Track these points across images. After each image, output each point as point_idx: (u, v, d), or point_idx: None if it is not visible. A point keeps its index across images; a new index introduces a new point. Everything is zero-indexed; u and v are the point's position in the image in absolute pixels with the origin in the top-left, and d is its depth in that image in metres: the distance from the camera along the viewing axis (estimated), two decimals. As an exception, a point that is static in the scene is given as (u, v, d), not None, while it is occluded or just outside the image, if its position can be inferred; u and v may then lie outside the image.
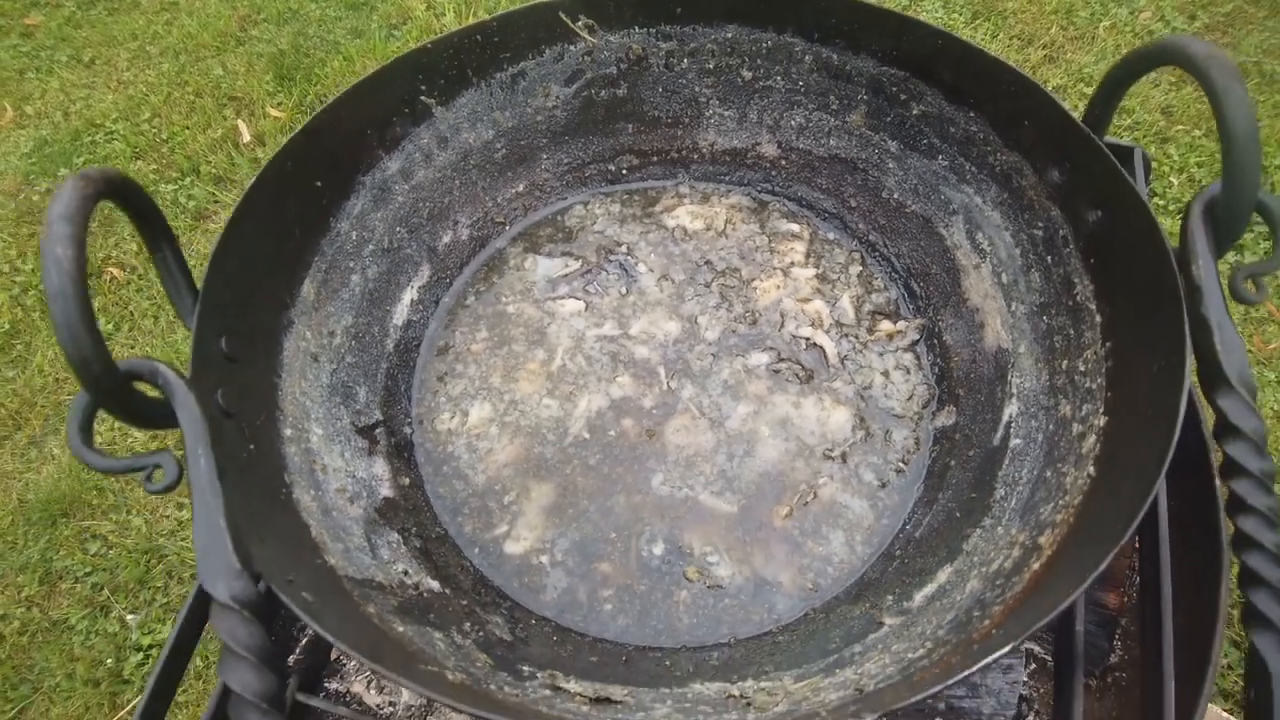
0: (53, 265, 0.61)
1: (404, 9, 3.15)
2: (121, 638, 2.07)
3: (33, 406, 2.41)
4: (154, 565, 2.18)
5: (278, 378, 0.90)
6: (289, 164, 0.93)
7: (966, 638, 0.72)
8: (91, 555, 2.19)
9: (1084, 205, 0.89)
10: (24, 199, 2.78)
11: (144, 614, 2.12)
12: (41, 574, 2.16)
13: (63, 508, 2.25)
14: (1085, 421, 0.83)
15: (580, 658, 0.89)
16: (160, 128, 2.91)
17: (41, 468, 2.32)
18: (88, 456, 0.66)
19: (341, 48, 3.04)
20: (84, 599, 2.13)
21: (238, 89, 2.98)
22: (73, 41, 3.18)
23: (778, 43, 1.11)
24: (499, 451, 1.04)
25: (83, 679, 2.01)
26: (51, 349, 2.50)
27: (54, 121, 2.97)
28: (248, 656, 0.59)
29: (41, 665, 2.03)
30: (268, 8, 3.21)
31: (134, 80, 3.05)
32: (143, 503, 2.26)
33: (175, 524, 2.24)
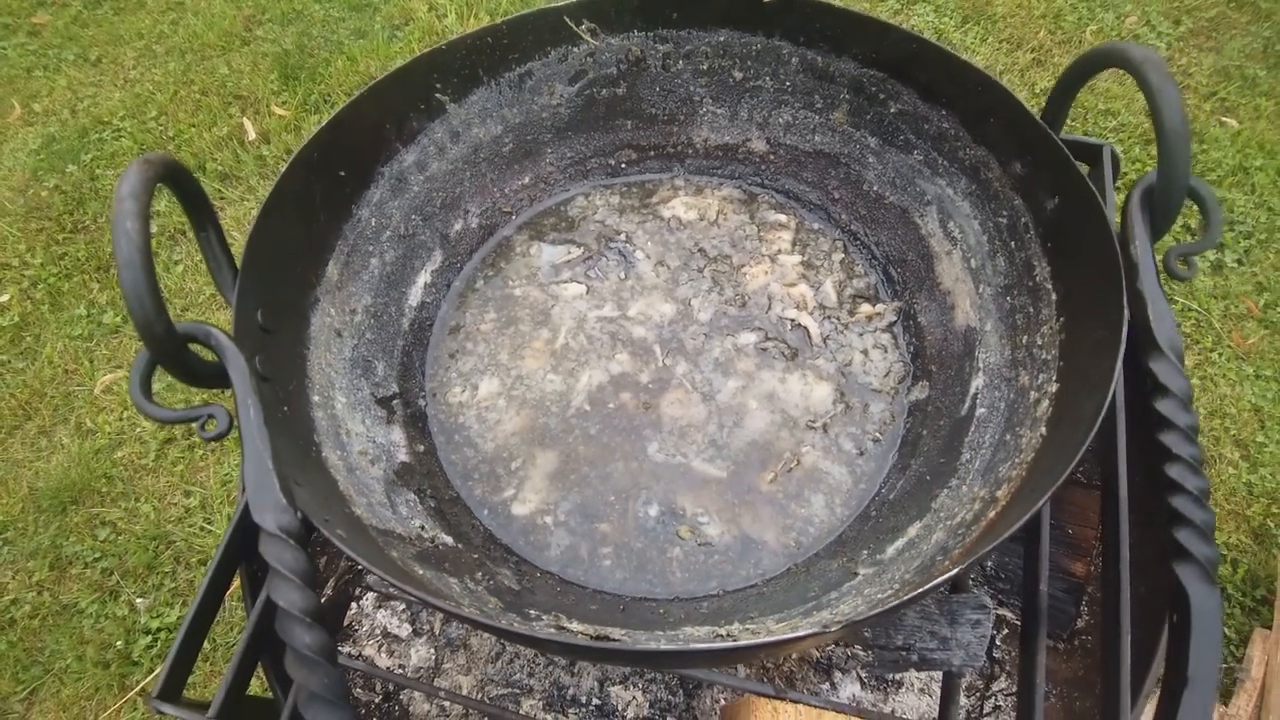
0: (123, 237, 0.69)
1: (406, 10, 3.23)
2: (130, 621, 2.14)
3: (42, 397, 2.48)
4: (162, 551, 2.25)
5: (306, 349, 0.98)
6: (315, 154, 1.01)
7: (927, 577, 0.81)
8: (101, 541, 2.25)
9: (1043, 194, 0.98)
10: (32, 195, 2.85)
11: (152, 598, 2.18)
12: (52, 559, 2.23)
13: (72, 495, 2.32)
14: (1040, 389, 0.92)
15: (582, 605, 0.97)
16: (167, 125, 2.98)
17: (51, 457, 2.38)
18: (148, 408, 0.74)
19: (345, 48, 3.12)
20: (94, 584, 2.19)
21: (243, 88, 3.05)
22: (80, 40, 3.25)
23: (766, 46, 1.20)
24: (506, 422, 1.12)
25: (93, 661, 2.08)
26: (60, 341, 2.56)
27: (61, 119, 3.04)
28: (293, 578, 0.67)
29: (52, 648, 2.09)
30: (272, 8, 3.28)
31: (140, 79, 3.12)
32: (151, 490, 2.33)
33: (183, 511, 2.31)
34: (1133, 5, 2.88)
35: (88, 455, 2.37)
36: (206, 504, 2.32)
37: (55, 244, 2.75)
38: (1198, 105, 2.57)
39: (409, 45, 3.11)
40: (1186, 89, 2.62)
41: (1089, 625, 1.31)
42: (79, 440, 2.41)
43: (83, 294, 2.65)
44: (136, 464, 2.38)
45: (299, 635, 0.65)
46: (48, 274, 2.69)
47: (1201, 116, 2.54)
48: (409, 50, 3.10)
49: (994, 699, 1.28)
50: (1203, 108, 2.57)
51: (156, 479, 2.36)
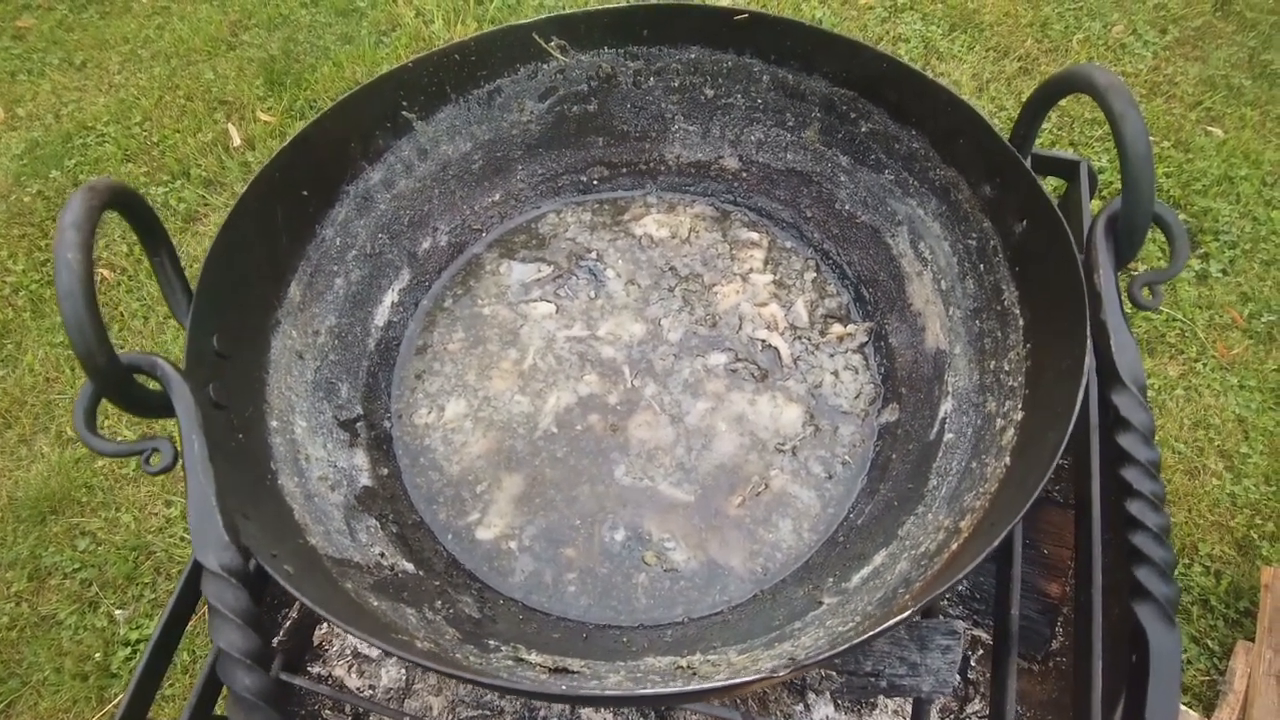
0: (64, 268, 0.67)
1: (393, 16, 3.21)
2: (110, 633, 2.12)
3: (22, 405, 2.46)
4: (142, 562, 2.23)
5: (265, 374, 0.97)
6: (278, 173, 1.00)
7: (888, 611, 0.80)
8: (81, 551, 2.24)
9: (1011, 217, 0.97)
10: (15, 200, 2.83)
11: (132, 609, 2.17)
12: (31, 570, 2.21)
13: (52, 505, 2.30)
14: (1006, 416, 0.91)
15: (544, 634, 0.96)
16: (151, 131, 2.96)
17: (31, 465, 2.36)
18: (92, 441, 0.72)
19: (331, 53, 3.10)
20: (73, 595, 2.18)
21: (228, 93, 3.04)
22: (64, 44, 3.23)
23: (738, 63, 1.18)
24: (472, 444, 1.11)
25: (71, 673, 2.06)
26: (42, 349, 2.55)
27: (45, 124, 3.02)
28: (234, 619, 0.66)
29: (30, 660, 2.08)
30: (259, 13, 3.26)
31: (125, 83, 3.10)
32: (131, 500, 2.31)
33: (164, 521, 2.29)
34: (1119, 14, 2.87)
35: (68, 464, 2.35)
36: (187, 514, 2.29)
37: (38, 250, 2.73)
38: (1183, 114, 2.56)
39: (395, 51, 3.10)
40: (1172, 98, 2.62)
41: (1064, 646, 1.30)
42: (59, 449, 2.39)
43: (64, 301, 2.63)
44: (117, 473, 2.36)
45: (240, 678, 0.64)
46: (29, 280, 2.67)
47: (1187, 126, 2.53)
48: (395, 56, 3.08)
49: (968, 721, 1.27)
50: (1188, 117, 2.56)
51: (137, 489, 2.34)
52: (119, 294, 2.64)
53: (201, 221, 2.79)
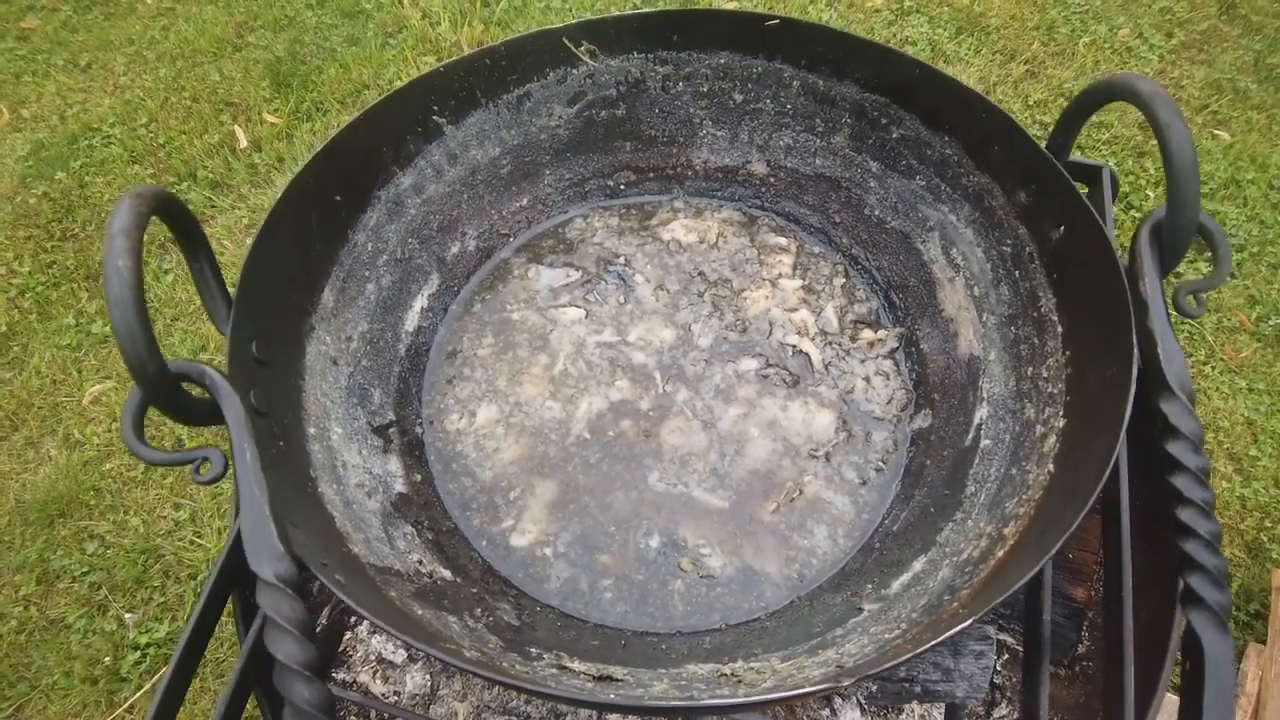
0: (114, 275, 0.67)
1: (399, 18, 3.20)
2: (119, 636, 2.11)
3: (29, 408, 2.45)
4: (151, 565, 2.22)
5: (301, 380, 0.96)
6: (312, 179, 0.99)
7: (936, 618, 0.80)
8: (89, 555, 2.22)
9: (1047, 224, 0.97)
10: (20, 202, 2.81)
11: (141, 613, 2.15)
12: (39, 573, 2.19)
13: (60, 508, 2.29)
14: (1047, 424, 0.91)
15: (583, 641, 0.96)
16: (157, 132, 2.95)
17: (39, 468, 2.35)
18: (140, 450, 0.72)
19: (338, 55, 3.09)
20: (81, 598, 2.16)
21: (234, 95, 3.02)
22: (69, 45, 3.22)
23: (767, 69, 1.18)
24: (505, 450, 1.11)
25: (80, 677, 2.05)
26: (49, 351, 2.53)
27: (50, 125, 3.00)
28: (291, 630, 0.65)
29: (39, 663, 2.06)
30: (264, 15, 3.25)
31: (130, 85, 3.08)
32: (140, 503, 2.30)
33: (172, 524, 2.28)
34: (1125, 18, 2.88)
35: (76, 467, 2.34)
36: (196, 517, 2.29)
37: (43, 252, 2.72)
38: (1190, 118, 2.57)
39: (402, 53, 3.09)
40: (1179, 101, 2.63)
41: (1089, 651, 1.30)
42: (67, 452, 2.38)
43: (71, 303, 2.62)
44: (125, 476, 2.35)
45: (298, 690, 0.63)
46: (35, 282, 2.65)
47: (1194, 129, 2.54)
48: (402, 58, 3.07)
49: (995, 726, 1.27)
50: (1195, 120, 2.57)
51: (145, 492, 2.33)
52: (126, 296, 2.62)
53: (209, 224, 2.78)
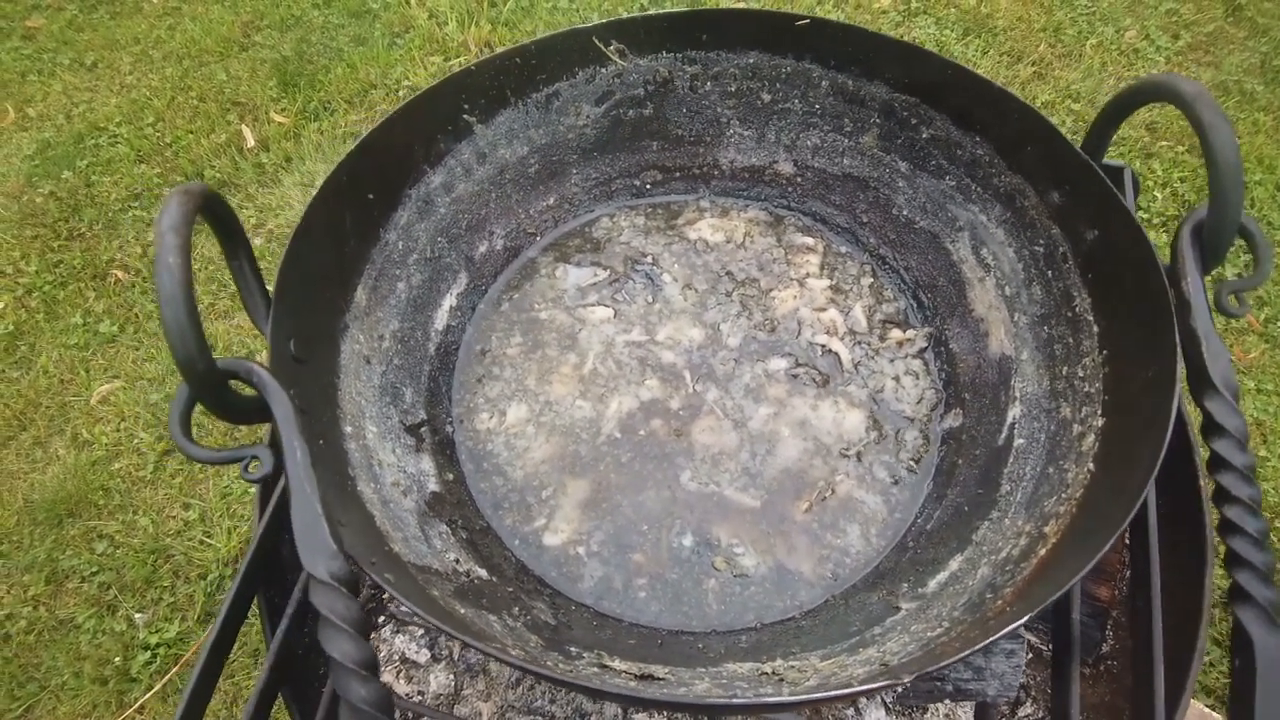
0: (165, 272, 0.66)
1: (406, 18, 3.20)
2: (129, 637, 2.10)
3: (37, 407, 2.44)
4: (161, 565, 2.21)
5: (337, 378, 0.96)
6: (345, 177, 0.99)
7: (980, 616, 0.80)
8: (98, 555, 2.21)
9: (1082, 225, 0.98)
10: (27, 201, 2.80)
11: (151, 613, 2.15)
12: (48, 573, 2.18)
13: (69, 508, 2.28)
14: (1085, 423, 0.92)
15: (620, 640, 0.96)
16: (164, 132, 2.94)
17: (47, 468, 2.34)
18: (189, 448, 0.72)
19: (345, 55, 3.09)
20: (91, 598, 2.16)
21: (241, 94, 3.02)
22: (75, 44, 3.20)
23: (796, 69, 1.19)
24: (535, 449, 1.11)
25: (90, 677, 2.04)
26: (56, 350, 2.52)
27: (56, 124, 2.99)
28: (347, 629, 0.65)
29: (49, 664, 2.05)
30: (271, 15, 3.25)
31: (137, 84, 3.07)
32: (149, 503, 2.29)
33: (182, 524, 2.27)
34: (1132, 19, 2.90)
35: (84, 467, 2.33)
36: (206, 517, 2.28)
37: (50, 251, 2.70)
38: (1198, 124, 2.58)
39: (409, 52, 3.09)
40: (1189, 104, 2.64)
41: (1114, 650, 1.31)
42: (75, 451, 2.37)
43: (79, 302, 2.61)
44: (134, 476, 2.34)
45: (355, 689, 0.63)
46: (42, 282, 2.64)
47: (1204, 132, 2.55)
48: (409, 58, 3.07)
49: (1020, 725, 1.28)
50: (1205, 123, 2.58)
51: (155, 491, 2.32)
52: (134, 295, 2.62)
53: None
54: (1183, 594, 1.15)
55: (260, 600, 1.22)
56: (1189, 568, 1.17)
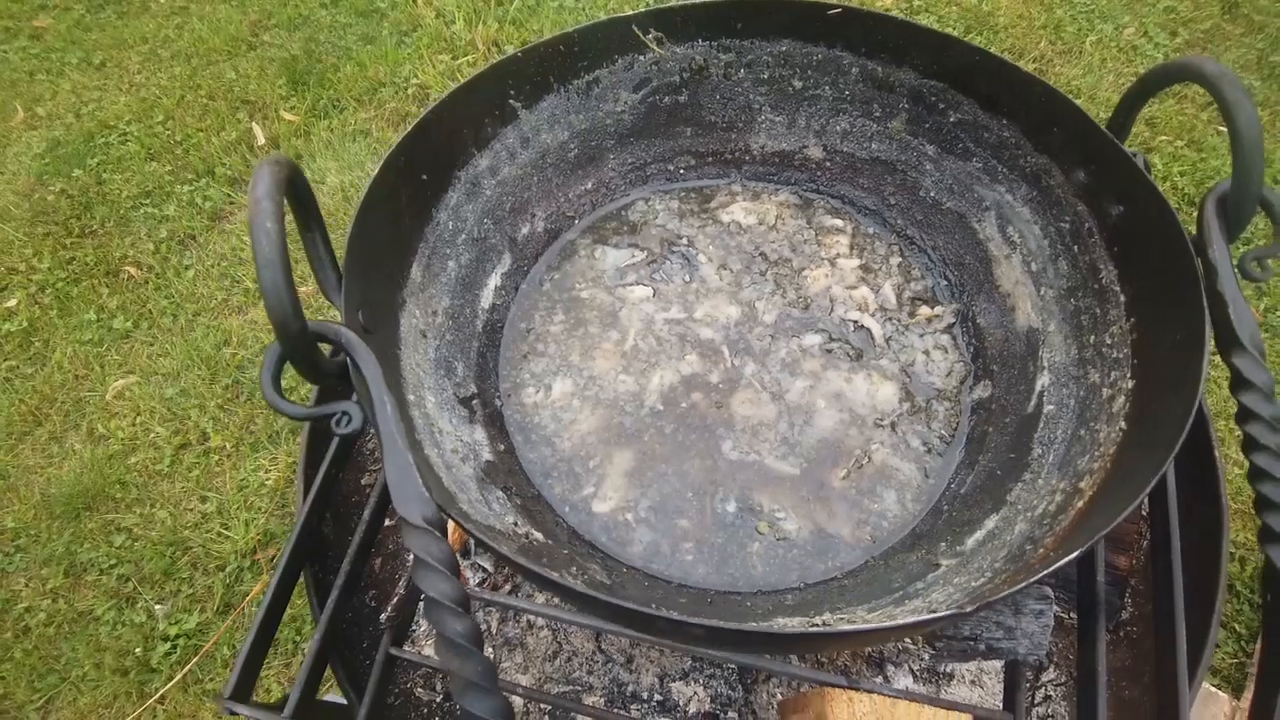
0: (263, 236, 0.70)
1: (414, 16, 3.24)
2: (149, 628, 2.12)
3: (52, 403, 2.45)
4: (179, 557, 2.23)
5: (398, 350, 1.00)
6: (403, 158, 1.03)
7: (1025, 564, 0.85)
8: (116, 548, 2.23)
9: (1108, 202, 1.03)
10: (38, 199, 2.81)
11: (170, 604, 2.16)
12: (66, 566, 2.20)
13: (86, 501, 2.29)
14: (1114, 386, 0.97)
15: (671, 600, 1.00)
16: (174, 130, 2.96)
17: (63, 463, 2.35)
18: (281, 405, 0.75)
19: (353, 54, 3.12)
20: (110, 590, 2.17)
21: (251, 93, 3.04)
22: (83, 44, 3.22)
23: (827, 56, 1.23)
24: (581, 422, 1.15)
25: (110, 668, 2.05)
26: (70, 346, 2.53)
27: (65, 123, 3.00)
28: (440, 568, 0.69)
29: (69, 656, 2.07)
30: (279, 14, 3.27)
31: (146, 83, 3.10)
32: (166, 496, 2.31)
33: (199, 517, 2.29)
34: (1130, 17, 2.97)
35: (100, 461, 2.34)
36: (223, 509, 2.30)
37: (62, 248, 2.72)
38: (1195, 115, 2.66)
39: (417, 51, 3.12)
40: (1184, 99, 2.72)
41: (1134, 616, 1.36)
42: (91, 446, 2.38)
43: (92, 299, 2.62)
44: (151, 469, 2.36)
45: (450, 624, 0.67)
46: (55, 279, 2.66)
47: (1199, 126, 2.63)
48: (417, 56, 3.11)
49: (1044, 689, 1.33)
50: (1200, 117, 2.66)
51: (172, 484, 2.34)
52: (147, 291, 2.64)
53: (228, 220, 2.79)
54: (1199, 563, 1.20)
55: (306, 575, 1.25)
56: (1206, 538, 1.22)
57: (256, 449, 2.34)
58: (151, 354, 2.53)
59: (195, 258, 2.70)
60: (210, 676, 2.08)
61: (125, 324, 2.58)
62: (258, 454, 2.33)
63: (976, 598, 0.82)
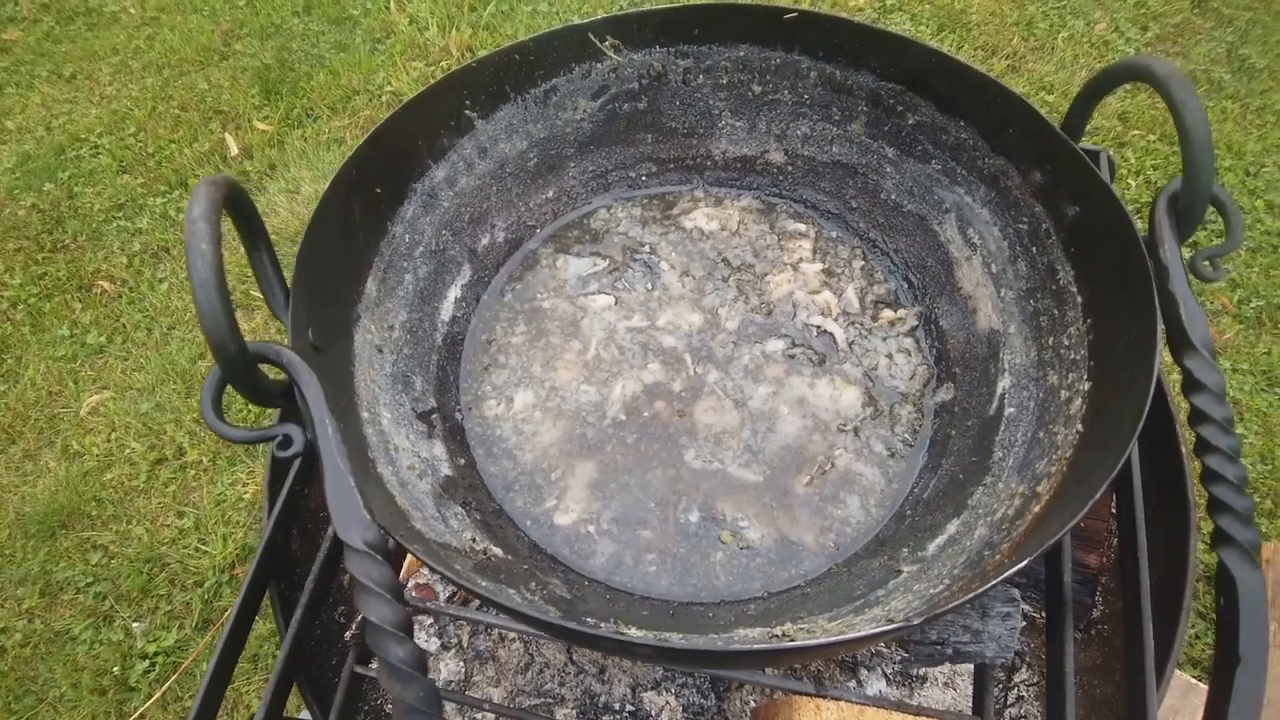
0: (198, 258, 0.69)
1: (387, 23, 3.22)
2: (126, 646, 2.10)
3: (25, 420, 2.43)
4: (156, 574, 2.22)
5: (352, 366, 0.99)
6: (355, 171, 1.02)
7: (981, 571, 0.84)
8: (93, 565, 2.21)
9: (1064, 202, 1.02)
10: (9, 214, 2.79)
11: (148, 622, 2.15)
12: (42, 586, 2.18)
13: (61, 519, 2.27)
14: (1071, 388, 0.96)
15: (633, 612, 0.99)
16: (146, 142, 2.94)
17: (37, 481, 2.33)
18: (222, 428, 0.74)
19: (326, 62, 3.11)
20: (87, 609, 2.15)
21: (223, 103, 3.02)
22: (53, 56, 3.20)
23: (785, 60, 1.23)
24: (543, 433, 1.14)
25: (88, 688, 2.04)
26: (43, 363, 2.51)
27: (36, 136, 2.98)
28: (382, 593, 0.68)
29: (45, 676, 2.05)
30: (250, 23, 3.26)
31: (117, 95, 3.07)
32: (143, 512, 2.29)
33: (176, 532, 2.27)
34: (1102, 12, 2.98)
35: (75, 478, 2.32)
36: (200, 524, 2.28)
37: (34, 264, 2.70)
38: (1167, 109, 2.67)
39: (391, 58, 3.11)
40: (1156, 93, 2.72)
41: (1104, 615, 1.36)
42: (66, 463, 2.36)
43: (65, 314, 2.60)
44: (127, 485, 2.34)
45: (392, 649, 0.66)
46: (27, 294, 2.63)
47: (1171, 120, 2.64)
48: (391, 63, 3.09)
49: (1016, 690, 1.32)
50: (1171, 112, 2.67)
51: (148, 500, 2.32)
52: (121, 306, 2.62)
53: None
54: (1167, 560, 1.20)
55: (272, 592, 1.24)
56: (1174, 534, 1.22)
57: (234, 462, 2.33)
58: (126, 368, 2.51)
59: (169, 270, 2.68)
60: (190, 694, 2.06)
61: (99, 339, 2.56)
62: (235, 468, 2.31)
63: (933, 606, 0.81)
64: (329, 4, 3.28)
